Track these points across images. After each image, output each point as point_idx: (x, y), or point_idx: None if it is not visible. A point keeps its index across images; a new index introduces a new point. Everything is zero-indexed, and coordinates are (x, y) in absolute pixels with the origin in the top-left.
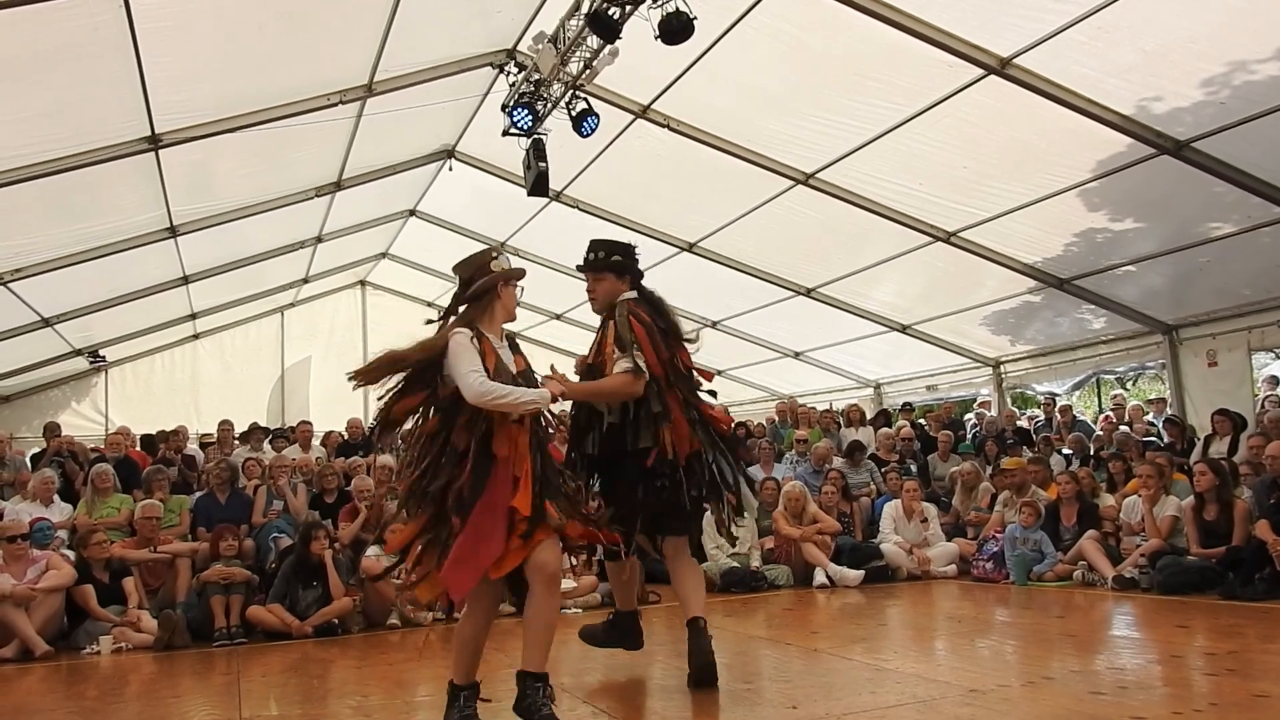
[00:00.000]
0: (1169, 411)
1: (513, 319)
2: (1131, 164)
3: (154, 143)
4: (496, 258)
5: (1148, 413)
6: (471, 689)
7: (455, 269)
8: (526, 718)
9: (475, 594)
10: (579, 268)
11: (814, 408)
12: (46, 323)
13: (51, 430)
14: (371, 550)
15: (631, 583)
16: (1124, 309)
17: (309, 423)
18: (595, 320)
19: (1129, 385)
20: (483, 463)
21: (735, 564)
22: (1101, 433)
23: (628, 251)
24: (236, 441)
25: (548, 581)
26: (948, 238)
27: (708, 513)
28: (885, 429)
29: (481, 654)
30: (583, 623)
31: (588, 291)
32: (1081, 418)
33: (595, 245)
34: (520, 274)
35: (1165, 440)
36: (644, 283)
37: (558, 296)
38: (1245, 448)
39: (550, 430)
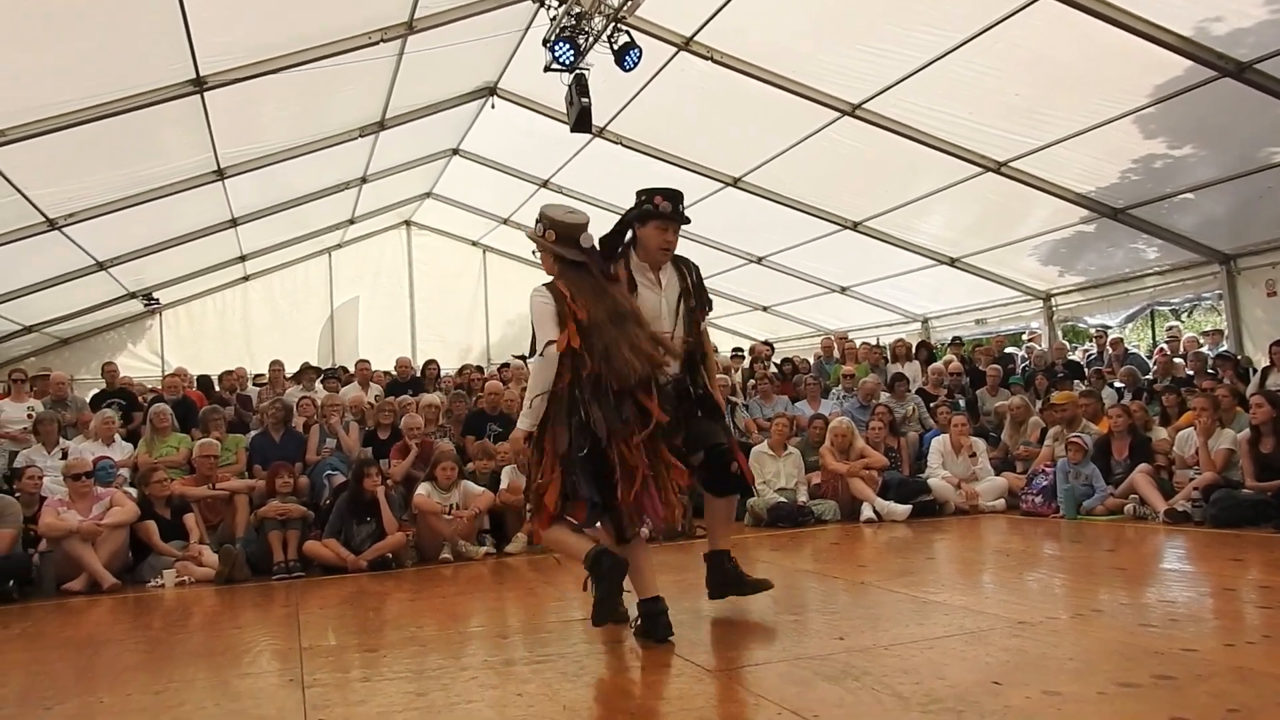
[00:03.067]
0: (1225, 345)
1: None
2: (1191, 88)
3: (199, 85)
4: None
5: (1203, 344)
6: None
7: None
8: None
9: None
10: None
11: (863, 343)
12: (101, 266)
13: (110, 371)
14: (423, 487)
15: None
16: (1180, 239)
17: (366, 361)
18: None
19: (1184, 317)
20: None
21: (782, 499)
22: (1156, 366)
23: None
24: (288, 381)
25: None
26: (998, 168)
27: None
28: (935, 364)
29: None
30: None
31: (667, 243)
32: (1134, 351)
33: (679, 196)
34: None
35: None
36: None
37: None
38: None
39: None
